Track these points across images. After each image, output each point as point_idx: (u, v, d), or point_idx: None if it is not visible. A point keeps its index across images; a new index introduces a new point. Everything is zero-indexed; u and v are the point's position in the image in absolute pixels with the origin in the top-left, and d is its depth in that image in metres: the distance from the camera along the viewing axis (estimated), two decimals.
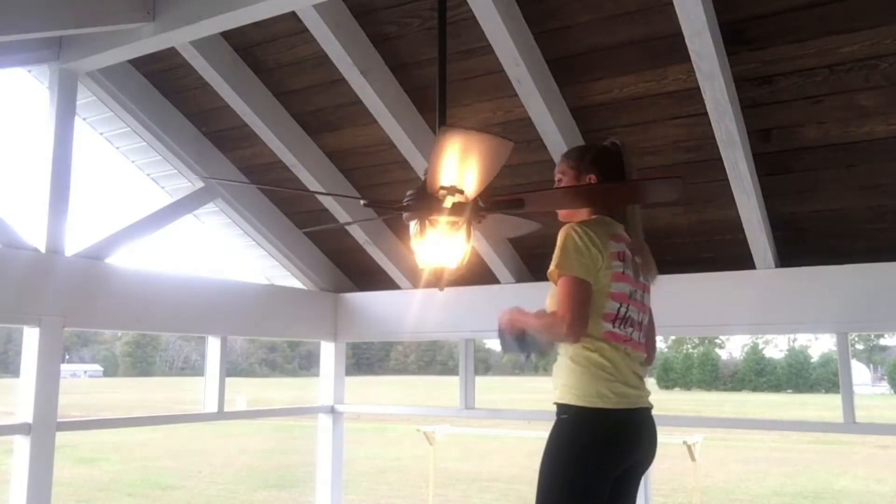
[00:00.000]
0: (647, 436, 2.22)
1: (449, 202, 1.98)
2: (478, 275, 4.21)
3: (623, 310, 2.19)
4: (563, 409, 2.16)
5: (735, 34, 2.71)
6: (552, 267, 2.17)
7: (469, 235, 2.11)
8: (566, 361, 2.19)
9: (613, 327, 2.17)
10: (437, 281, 2.18)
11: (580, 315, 2.09)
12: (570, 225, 2.20)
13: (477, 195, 2.04)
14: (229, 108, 3.73)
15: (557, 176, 2.41)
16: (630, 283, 2.23)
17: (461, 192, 1.95)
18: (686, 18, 2.52)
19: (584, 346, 2.16)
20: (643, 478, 2.37)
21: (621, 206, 2.34)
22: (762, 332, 4.00)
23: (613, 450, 2.13)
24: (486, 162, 1.82)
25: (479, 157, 1.80)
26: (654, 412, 2.27)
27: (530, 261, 4.22)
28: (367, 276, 4.82)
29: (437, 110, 2.28)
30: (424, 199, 2.03)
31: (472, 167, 1.84)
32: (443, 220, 2.04)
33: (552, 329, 2.14)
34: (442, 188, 1.94)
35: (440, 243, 2.07)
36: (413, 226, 2.11)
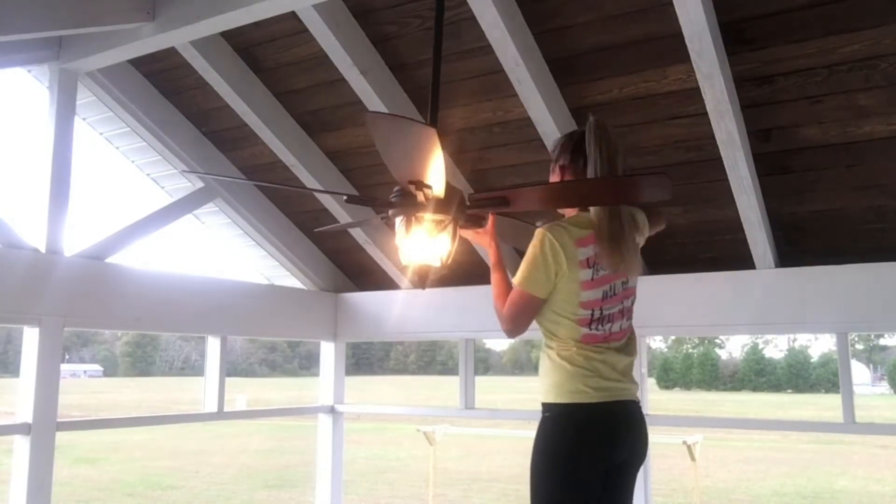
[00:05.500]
0: (633, 428, 2.20)
1: (420, 197, 1.96)
2: (478, 275, 4.20)
3: (597, 313, 2.17)
4: (545, 407, 2.19)
5: (735, 34, 2.71)
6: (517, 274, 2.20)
7: (455, 234, 2.09)
8: (547, 361, 2.21)
9: (590, 330, 2.17)
10: (421, 280, 2.15)
11: (519, 324, 2.22)
12: (542, 232, 2.18)
13: (461, 193, 2.03)
14: (229, 108, 3.73)
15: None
16: (602, 284, 2.17)
17: (429, 187, 1.93)
18: (686, 19, 2.52)
19: (562, 348, 2.17)
20: (643, 477, 2.36)
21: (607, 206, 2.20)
22: (762, 332, 4.00)
23: (599, 442, 2.13)
24: (421, 150, 1.79)
25: (410, 145, 1.79)
26: (653, 412, 2.27)
27: None
28: (367, 275, 4.82)
29: (429, 107, 2.25)
30: (410, 196, 2.01)
31: (413, 157, 1.84)
32: (428, 217, 2.02)
33: (497, 314, 2.26)
34: (411, 182, 1.93)
35: (425, 241, 2.05)
36: (399, 223, 2.08)
